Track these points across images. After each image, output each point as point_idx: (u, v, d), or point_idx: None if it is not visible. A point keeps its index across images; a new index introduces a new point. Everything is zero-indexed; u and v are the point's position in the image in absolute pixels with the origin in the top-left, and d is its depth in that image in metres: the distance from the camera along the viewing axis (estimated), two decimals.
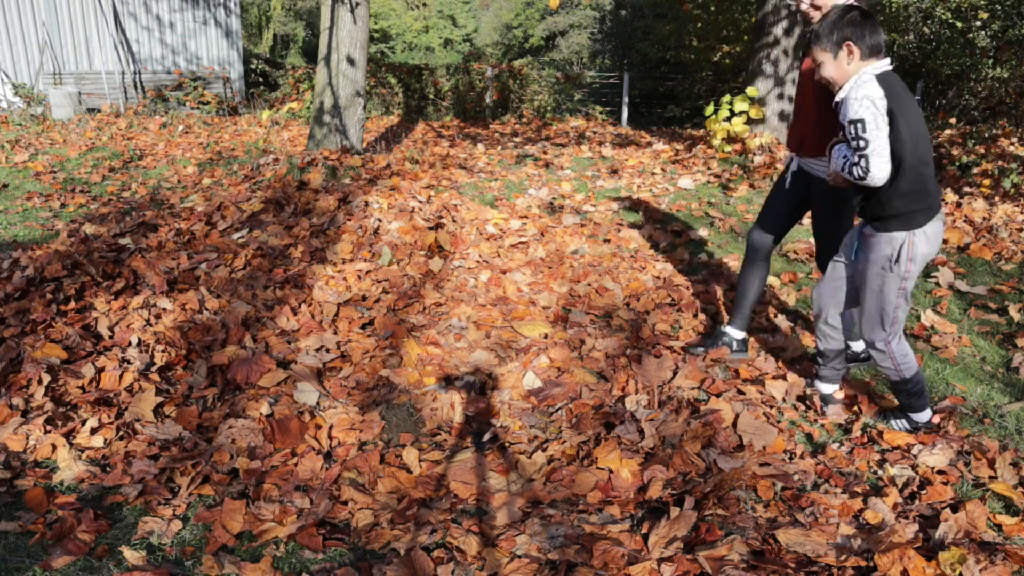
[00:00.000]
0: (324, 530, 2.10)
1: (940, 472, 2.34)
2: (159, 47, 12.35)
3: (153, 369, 2.91)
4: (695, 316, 3.60)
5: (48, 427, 2.52)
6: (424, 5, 28.18)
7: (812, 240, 4.83)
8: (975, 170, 6.61)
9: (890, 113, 2.19)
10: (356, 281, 3.77)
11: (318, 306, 3.47)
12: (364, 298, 3.63)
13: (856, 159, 2.23)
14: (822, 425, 2.66)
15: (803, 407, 2.79)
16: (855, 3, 2.36)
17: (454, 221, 4.65)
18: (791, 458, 2.43)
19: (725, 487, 2.19)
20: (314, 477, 2.33)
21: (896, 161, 2.23)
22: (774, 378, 2.97)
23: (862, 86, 2.20)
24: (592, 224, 5.15)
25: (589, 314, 3.58)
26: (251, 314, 3.32)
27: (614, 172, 7.32)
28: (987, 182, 6.21)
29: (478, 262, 4.18)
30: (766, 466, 2.33)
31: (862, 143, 2.19)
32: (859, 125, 2.18)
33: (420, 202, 4.75)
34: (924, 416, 2.57)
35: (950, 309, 3.72)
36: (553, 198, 6.12)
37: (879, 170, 2.19)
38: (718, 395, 2.80)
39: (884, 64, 2.26)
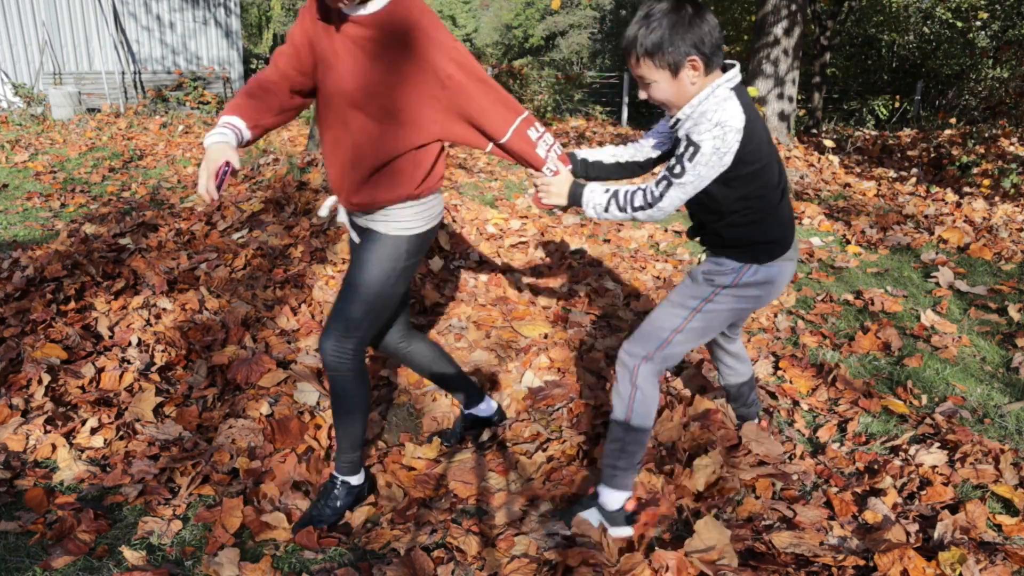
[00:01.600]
0: (324, 530, 2.10)
1: (940, 472, 2.34)
2: (159, 47, 12.36)
3: (153, 369, 2.91)
4: None
5: (48, 427, 2.52)
6: None
7: (810, 241, 4.83)
8: (975, 170, 6.61)
9: (737, 162, 1.72)
10: None
11: (318, 306, 3.47)
12: None
13: (659, 177, 1.77)
14: (814, 431, 2.66)
15: (803, 409, 2.79)
16: None
17: (454, 221, 4.66)
18: (791, 458, 2.44)
19: (725, 489, 2.19)
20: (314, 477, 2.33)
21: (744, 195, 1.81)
22: (776, 380, 2.97)
23: (722, 107, 1.69)
24: (592, 224, 5.15)
25: (589, 314, 3.58)
26: (251, 314, 3.32)
27: None
28: (987, 182, 6.22)
29: (478, 262, 4.18)
30: (765, 465, 2.33)
31: (678, 169, 1.72)
32: (692, 150, 1.70)
33: None
34: (619, 498, 2.02)
35: (950, 309, 3.72)
36: None
37: (670, 204, 1.76)
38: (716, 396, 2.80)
39: (735, 74, 1.76)
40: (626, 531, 2.02)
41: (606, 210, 1.84)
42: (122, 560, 1.96)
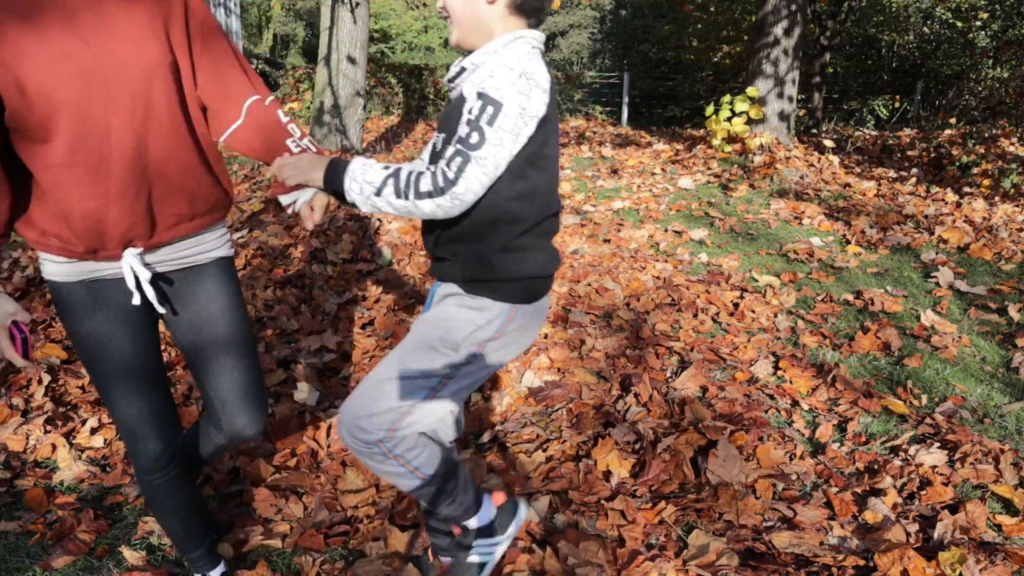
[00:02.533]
0: (324, 529, 2.10)
1: (940, 472, 2.34)
2: None
3: None
4: (695, 316, 3.60)
5: (48, 427, 2.52)
6: (424, 5, 28.18)
7: (810, 241, 4.84)
8: (975, 170, 6.61)
9: (544, 121, 1.36)
10: (356, 281, 3.77)
11: (318, 306, 3.47)
12: (364, 298, 3.63)
13: (449, 154, 1.31)
14: (814, 431, 2.67)
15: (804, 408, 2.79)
16: None
17: None
18: (791, 458, 2.44)
19: (723, 492, 2.19)
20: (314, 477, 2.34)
21: (524, 197, 1.39)
22: (777, 381, 2.97)
23: (527, 58, 1.34)
24: (592, 224, 5.15)
25: (589, 314, 3.58)
26: (251, 314, 3.33)
27: (614, 172, 7.33)
28: (987, 182, 6.22)
29: None
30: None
31: (475, 137, 1.29)
32: (492, 109, 1.29)
33: None
34: (484, 516, 1.69)
35: (950, 309, 3.72)
36: None
37: (468, 190, 1.30)
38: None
39: (541, 36, 1.41)
40: (508, 537, 1.72)
41: (378, 193, 1.34)
42: (122, 560, 1.96)
